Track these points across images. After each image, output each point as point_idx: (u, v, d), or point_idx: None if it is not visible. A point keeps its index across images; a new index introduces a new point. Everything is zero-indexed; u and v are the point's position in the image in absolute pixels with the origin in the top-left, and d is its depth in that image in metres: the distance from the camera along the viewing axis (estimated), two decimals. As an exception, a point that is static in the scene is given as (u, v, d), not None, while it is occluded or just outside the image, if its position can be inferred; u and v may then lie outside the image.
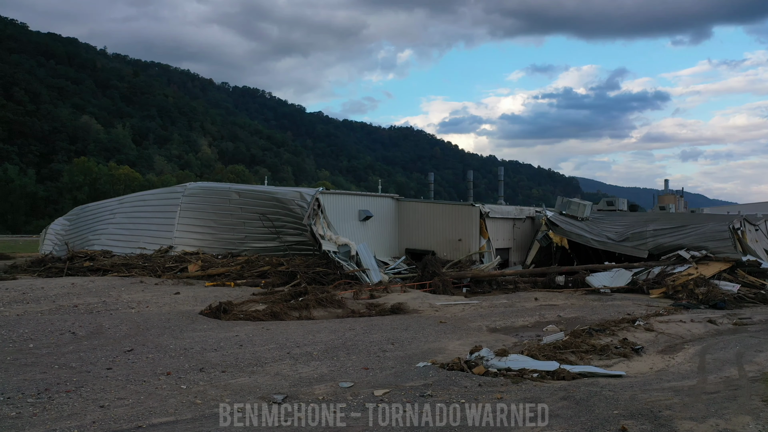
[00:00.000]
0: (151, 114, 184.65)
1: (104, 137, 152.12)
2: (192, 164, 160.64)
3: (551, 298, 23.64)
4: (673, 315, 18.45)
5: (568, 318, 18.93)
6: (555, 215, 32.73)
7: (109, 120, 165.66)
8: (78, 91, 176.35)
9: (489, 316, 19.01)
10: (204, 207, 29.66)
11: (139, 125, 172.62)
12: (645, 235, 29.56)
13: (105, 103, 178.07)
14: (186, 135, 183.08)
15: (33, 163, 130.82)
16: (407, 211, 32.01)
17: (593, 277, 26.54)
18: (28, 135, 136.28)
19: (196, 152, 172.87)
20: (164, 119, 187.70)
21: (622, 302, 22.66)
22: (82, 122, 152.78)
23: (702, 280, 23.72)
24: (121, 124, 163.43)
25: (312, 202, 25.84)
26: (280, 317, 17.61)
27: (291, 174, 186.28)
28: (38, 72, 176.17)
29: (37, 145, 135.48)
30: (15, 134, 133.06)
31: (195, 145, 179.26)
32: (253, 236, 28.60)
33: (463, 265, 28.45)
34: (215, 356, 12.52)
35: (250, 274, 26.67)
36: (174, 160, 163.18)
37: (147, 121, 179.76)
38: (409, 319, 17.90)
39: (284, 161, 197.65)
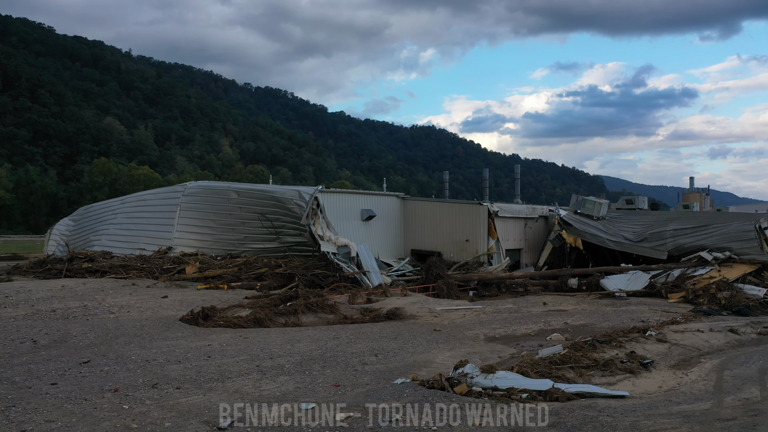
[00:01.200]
0: (173, 115, 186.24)
1: (127, 138, 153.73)
2: (213, 164, 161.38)
3: (561, 303, 22.20)
4: (690, 323, 16.91)
5: (575, 325, 17.53)
6: (569, 214, 31.11)
7: (132, 121, 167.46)
8: (102, 93, 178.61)
9: (490, 322, 17.70)
10: (203, 207, 28.81)
11: (161, 126, 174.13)
12: (664, 236, 27.83)
13: (128, 105, 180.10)
14: (208, 136, 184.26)
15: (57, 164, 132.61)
16: (413, 211, 30.73)
17: (608, 280, 25.00)
18: (53, 136, 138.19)
19: (218, 153, 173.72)
20: (186, 120, 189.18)
21: (637, 307, 21.13)
22: (106, 123, 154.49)
23: (725, 283, 22.06)
24: (144, 125, 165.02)
25: (310, 201, 24.77)
26: (264, 324, 16.54)
27: (312, 174, 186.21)
28: (64, 74, 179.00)
29: (61, 146, 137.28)
30: (40, 136, 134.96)
31: (216, 145, 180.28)
32: (252, 237, 27.64)
33: (470, 267, 27.11)
34: (176, 369, 11.47)
35: (247, 277, 25.73)
36: (195, 160, 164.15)
37: (169, 122, 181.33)
38: (401, 327, 16.68)
39: (305, 161, 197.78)
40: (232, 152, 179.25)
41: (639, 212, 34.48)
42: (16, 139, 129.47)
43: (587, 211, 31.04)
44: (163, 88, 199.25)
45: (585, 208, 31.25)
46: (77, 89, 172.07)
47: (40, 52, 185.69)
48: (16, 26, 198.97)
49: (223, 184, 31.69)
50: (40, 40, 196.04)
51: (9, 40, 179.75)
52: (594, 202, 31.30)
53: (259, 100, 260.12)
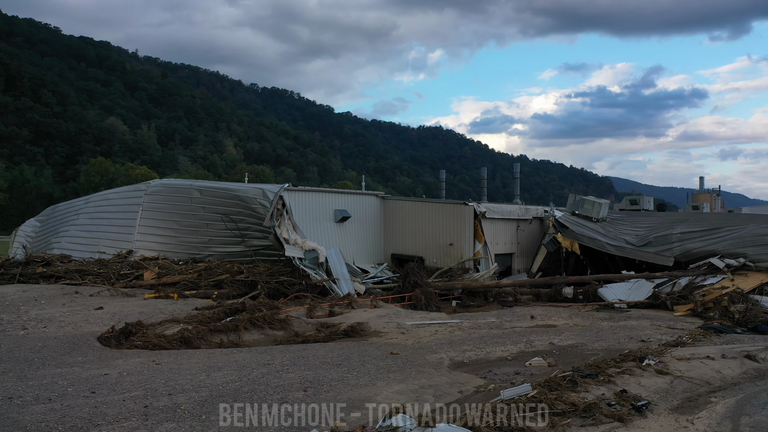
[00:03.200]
0: (178, 115, 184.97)
1: (129, 138, 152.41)
2: (216, 165, 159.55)
3: (552, 316, 19.56)
4: (698, 345, 14.24)
5: (563, 346, 14.92)
6: (565, 215, 28.32)
7: (136, 121, 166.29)
8: (107, 93, 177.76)
9: (462, 342, 15.12)
10: (166, 207, 26.44)
11: (165, 126, 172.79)
12: (670, 239, 25.01)
13: (133, 105, 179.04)
14: (212, 136, 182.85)
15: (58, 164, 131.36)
16: (394, 212, 28.08)
17: (607, 289, 22.30)
18: (54, 136, 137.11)
19: (221, 153, 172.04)
20: (191, 120, 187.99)
21: (638, 322, 18.44)
22: (108, 124, 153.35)
23: (739, 295, 19.31)
24: (147, 125, 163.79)
25: (274, 200, 22.30)
26: (193, 344, 14.09)
27: (316, 174, 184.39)
28: (68, 75, 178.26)
29: (63, 146, 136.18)
30: (41, 136, 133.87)
31: (220, 145, 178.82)
32: (217, 240, 25.24)
33: (454, 274, 24.49)
34: (38, 412, 9.02)
35: (206, 284, 23.31)
36: (199, 160, 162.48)
37: (173, 122, 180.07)
38: (354, 348, 14.14)
39: (310, 161, 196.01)
40: (236, 152, 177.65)
41: (643, 214, 31.56)
42: (17, 138, 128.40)
43: (585, 212, 28.24)
44: (168, 88, 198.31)
45: (583, 208, 28.45)
46: (82, 89, 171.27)
47: (45, 52, 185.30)
48: (22, 27, 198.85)
49: (185, 181, 29.25)
50: (45, 41, 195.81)
51: (14, 41, 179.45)
52: (593, 202, 28.45)
53: (266, 101, 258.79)
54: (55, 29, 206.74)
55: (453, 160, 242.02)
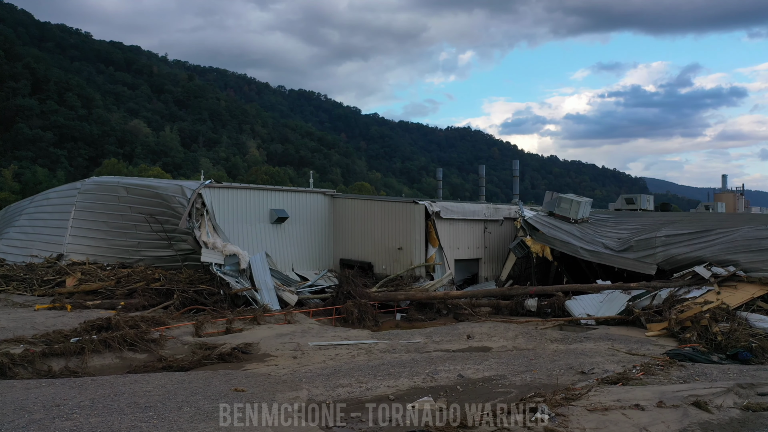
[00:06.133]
0: (202, 117, 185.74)
1: (152, 140, 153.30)
2: (239, 166, 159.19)
3: (495, 335, 16.45)
4: (643, 384, 11.00)
5: (474, 379, 11.89)
6: (537, 216, 24.90)
7: (161, 124, 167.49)
8: (133, 96, 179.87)
9: (351, 372, 12.23)
10: (96, 207, 24.23)
11: (189, 129, 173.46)
12: (653, 244, 21.43)
13: (158, 108, 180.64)
14: (235, 138, 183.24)
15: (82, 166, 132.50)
16: (344, 212, 25.14)
17: (576, 302, 19.03)
18: (78, 139, 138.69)
19: (244, 155, 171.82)
20: (215, 122, 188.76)
21: (594, 345, 15.20)
22: (131, 126, 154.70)
23: (724, 311, 15.83)
24: (170, 127, 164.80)
25: (192, 198, 19.71)
26: (8, 373, 11.51)
27: (340, 175, 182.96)
28: (97, 78, 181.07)
29: (86, 148, 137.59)
30: (65, 138, 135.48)
31: (243, 147, 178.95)
32: (147, 243, 22.88)
33: (402, 283, 21.47)
34: None
35: (122, 292, 20.89)
36: (221, 162, 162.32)
37: (198, 124, 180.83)
38: (200, 380, 11.39)
39: (333, 163, 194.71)
40: (259, 154, 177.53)
41: (633, 214, 27.77)
42: (41, 141, 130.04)
43: (562, 212, 24.78)
44: (194, 90, 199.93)
45: (560, 208, 25.00)
46: (108, 92, 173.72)
47: (75, 57, 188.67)
48: (53, 32, 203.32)
49: (114, 179, 26.91)
50: (75, 46, 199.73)
51: (45, 46, 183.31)
52: (571, 200, 24.94)
53: (292, 103, 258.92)
54: (85, 34, 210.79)
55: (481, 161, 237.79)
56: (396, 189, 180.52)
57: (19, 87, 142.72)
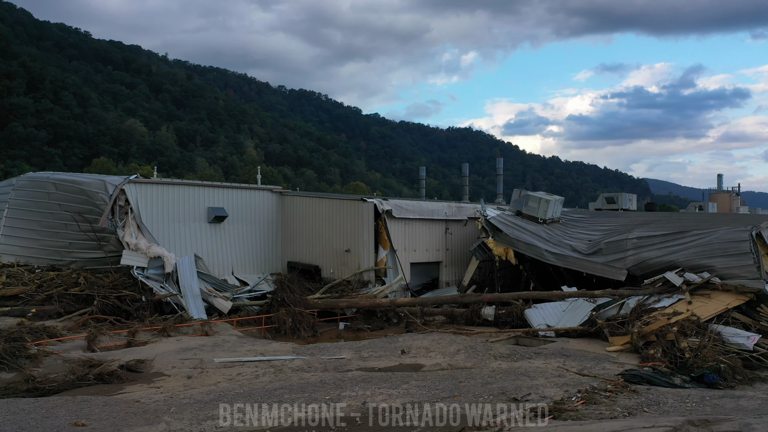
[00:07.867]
0: (200, 117, 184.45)
1: (148, 140, 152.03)
2: (236, 166, 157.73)
3: (435, 349, 14.57)
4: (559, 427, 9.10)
5: (377, 410, 10.01)
6: (501, 216, 22.89)
7: (158, 123, 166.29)
8: (131, 96, 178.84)
9: (240, 397, 10.41)
10: (28, 204, 22.51)
11: (187, 128, 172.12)
12: (624, 246, 19.45)
13: (156, 107, 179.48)
14: (233, 137, 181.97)
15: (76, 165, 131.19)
16: (292, 210, 23.25)
17: (536, 311, 17.16)
18: (73, 138, 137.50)
19: (241, 154, 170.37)
20: (213, 122, 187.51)
21: (543, 362, 13.30)
22: (127, 125, 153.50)
23: (693, 324, 13.87)
24: (166, 126, 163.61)
25: (114, 195, 17.90)
26: None
27: (338, 176, 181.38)
28: (95, 78, 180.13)
29: (81, 148, 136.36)
30: (60, 137, 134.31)
31: (241, 147, 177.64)
32: (77, 244, 21.11)
33: (349, 288, 19.62)
34: None
35: (41, 297, 19.12)
36: (218, 162, 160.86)
37: (195, 123, 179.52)
38: (43, 411, 9.64)
39: (332, 163, 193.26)
40: (256, 154, 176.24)
41: (608, 214, 25.72)
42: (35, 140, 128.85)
43: (530, 211, 22.81)
44: (192, 90, 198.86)
45: (528, 207, 23.05)
46: (106, 92, 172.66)
47: (73, 56, 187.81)
48: (51, 31, 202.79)
49: (44, 174, 25.14)
50: (74, 45, 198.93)
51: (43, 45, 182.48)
52: (539, 199, 22.94)
53: (292, 103, 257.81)
54: (84, 33, 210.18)
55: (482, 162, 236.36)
56: (395, 189, 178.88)
57: (14, 86, 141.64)
